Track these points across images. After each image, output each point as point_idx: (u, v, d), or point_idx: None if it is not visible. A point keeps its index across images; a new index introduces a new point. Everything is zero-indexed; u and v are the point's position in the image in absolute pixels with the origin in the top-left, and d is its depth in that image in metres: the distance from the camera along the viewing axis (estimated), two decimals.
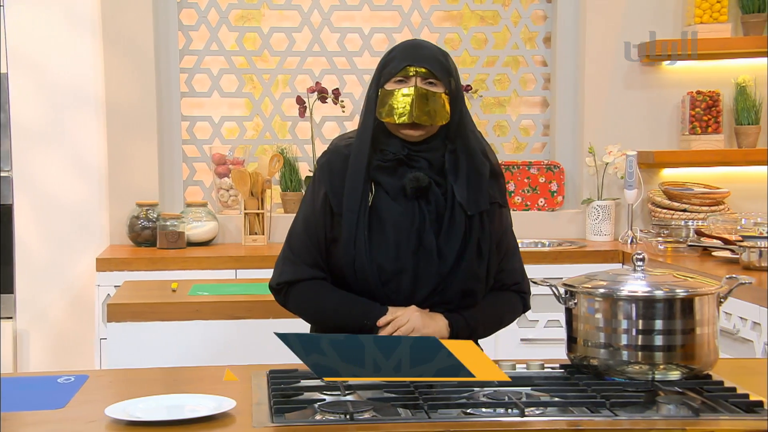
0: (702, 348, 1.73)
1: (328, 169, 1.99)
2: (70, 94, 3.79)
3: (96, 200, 3.83)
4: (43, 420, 1.60)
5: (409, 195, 1.95)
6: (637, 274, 1.77)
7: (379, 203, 1.95)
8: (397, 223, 1.94)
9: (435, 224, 1.95)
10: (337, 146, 2.02)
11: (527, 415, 1.56)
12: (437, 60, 1.96)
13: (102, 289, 3.46)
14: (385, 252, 1.93)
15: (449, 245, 1.94)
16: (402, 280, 1.94)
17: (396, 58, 1.96)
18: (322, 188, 1.99)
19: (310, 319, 2.05)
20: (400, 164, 1.96)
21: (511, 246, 2.07)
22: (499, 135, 4.20)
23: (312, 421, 1.55)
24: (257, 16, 4.08)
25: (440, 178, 1.97)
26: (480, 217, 1.96)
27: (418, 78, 1.93)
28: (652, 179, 4.02)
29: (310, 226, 1.99)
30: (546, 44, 4.16)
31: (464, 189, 1.96)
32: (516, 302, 2.08)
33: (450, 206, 1.95)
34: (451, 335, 1.95)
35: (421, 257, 1.94)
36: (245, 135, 4.08)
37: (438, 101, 1.93)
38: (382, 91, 1.96)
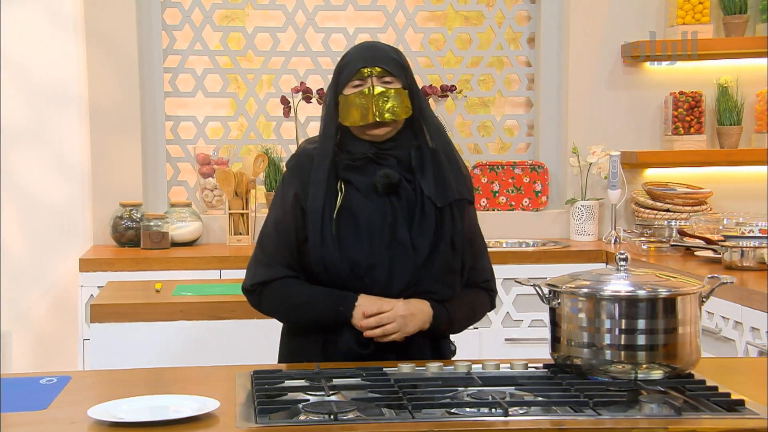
0: (684, 347, 1.74)
1: (298, 171, 2.02)
2: (53, 94, 3.77)
3: (79, 200, 3.81)
4: (26, 421, 1.60)
5: (380, 191, 1.98)
6: (620, 273, 1.78)
7: (351, 201, 1.99)
8: (369, 218, 1.98)
9: (407, 218, 1.99)
10: (305, 149, 2.06)
11: (511, 414, 1.56)
12: (390, 57, 2.00)
13: (85, 289, 3.44)
14: (359, 247, 1.96)
15: (422, 238, 1.98)
16: (376, 273, 1.97)
17: (350, 63, 2.00)
18: (291, 189, 2.01)
19: (284, 316, 2.06)
20: (369, 162, 2.00)
21: (482, 244, 2.11)
22: (483, 135, 4.21)
23: (296, 422, 1.55)
24: (241, 15, 4.07)
25: (409, 174, 2.01)
26: (450, 210, 2.00)
27: (374, 78, 1.97)
28: (636, 179, 4.04)
29: (281, 228, 2.01)
30: (530, 45, 4.18)
31: (431, 183, 2.00)
32: (485, 300, 2.12)
33: (420, 200, 1.99)
34: (432, 325, 1.99)
35: (395, 250, 1.97)
36: (230, 135, 4.07)
37: (397, 97, 1.97)
38: (341, 97, 2.00)
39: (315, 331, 2.01)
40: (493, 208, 4.09)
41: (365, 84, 1.97)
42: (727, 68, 4.01)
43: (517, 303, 3.57)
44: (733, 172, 4.03)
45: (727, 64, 4.01)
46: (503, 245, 3.93)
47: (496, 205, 4.10)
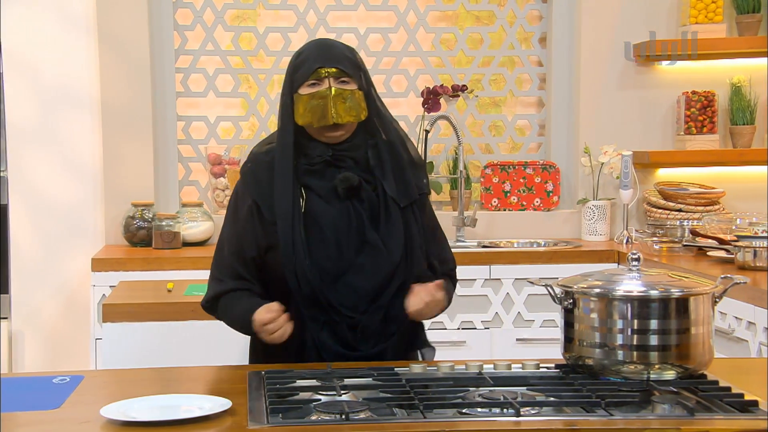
0: (697, 348, 1.73)
1: (253, 179, 2.00)
2: (65, 94, 3.79)
3: (91, 200, 3.82)
4: (39, 420, 1.60)
5: (341, 195, 1.97)
6: (633, 273, 1.78)
7: (312, 207, 1.97)
8: (334, 223, 1.97)
9: (372, 220, 1.98)
10: (257, 154, 2.03)
11: (523, 414, 1.56)
12: (346, 57, 1.99)
13: (97, 289, 3.45)
14: (326, 253, 1.95)
15: (393, 238, 1.98)
16: (348, 278, 1.96)
17: (306, 61, 1.98)
18: (248, 198, 1.99)
19: (235, 329, 2.05)
20: (327, 166, 1.99)
21: (441, 234, 2.13)
22: (494, 135, 4.20)
23: (307, 422, 1.55)
24: (253, 15, 4.08)
25: (368, 175, 2.00)
26: (411, 207, 2.01)
27: (330, 78, 1.96)
28: (648, 179, 4.02)
29: (233, 241, 2.00)
30: (541, 44, 4.17)
31: (392, 182, 2.00)
32: (452, 289, 2.13)
33: (383, 201, 1.99)
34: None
35: (367, 253, 1.96)
36: (241, 135, 4.08)
37: (354, 98, 1.96)
38: (296, 96, 1.98)
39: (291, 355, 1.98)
40: (505, 208, 4.09)
41: (322, 84, 1.95)
42: (740, 67, 3.99)
43: (528, 303, 3.56)
44: (745, 172, 4.01)
45: (740, 64, 3.99)
46: (514, 245, 3.92)
47: (508, 205, 4.09)
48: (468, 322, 3.55)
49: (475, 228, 3.94)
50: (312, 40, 2.07)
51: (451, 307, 3.76)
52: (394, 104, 4.16)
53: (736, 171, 4.02)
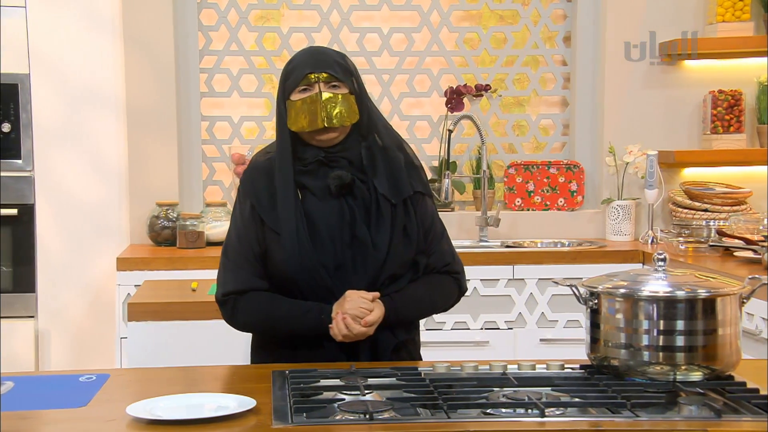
0: (724, 349, 1.72)
1: (251, 185, 2.05)
2: (91, 95, 3.82)
3: (116, 200, 3.85)
4: (65, 418, 1.62)
5: (334, 193, 2.01)
6: (659, 274, 1.76)
7: (308, 205, 2.01)
8: (328, 220, 2.00)
9: (365, 217, 2.01)
10: (257, 162, 2.08)
11: (547, 415, 1.55)
12: (336, 62, 2.02)
13: (122, 288, 3.48)
14: (323, 249, 1.99)
15: (380, 235, 2.00)
16: (342, 274, 1.99)
17: (296, 68, 2.02)
18: (247, 202, 2.04)
19: (261, 329, 2.06)
20: (321, 165, 2.02)
21: (439, 231, 2.12)
22: (518, 135, 4.18)
23: (331, 421, 1.55)
24: (277, 16, 4.09)
25: (361, 174, 2.03)
26: (404, 204, 2.03)
27: (321, 83, 1.99)
28: (673, 179, 3.99)
29: (243, 239, 2.04)
30: (566, 43, 4.14)
31: (384, 181, 2.02)
32: (449, 283, 2.12)
33: (375, 199, 2.01)
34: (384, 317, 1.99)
35: (356, 250, 1.99)
36: (264, 135, 4.09)
37: (345, 102, 1.99)
38: (288, 102, 2.01)
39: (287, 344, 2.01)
40: (528, 207, 4.07)
41: (312, 89, 1.99)
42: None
43: (552, 303, 3.55)
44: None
45: None
46: (538, 245, 3.91)
47: (531, 205, 4.07)
48: (491, 322, 3.54)
49: (498, 228, 3.92)
50: (304, 48, 2.11)
51: (474, 307, 3.77)
52: (417, 104, 4.15)
53: (763, 171, 3.97)
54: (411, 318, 2.09)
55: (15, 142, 3.75)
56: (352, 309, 1.95)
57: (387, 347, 2.02)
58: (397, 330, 2.04)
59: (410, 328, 2.10)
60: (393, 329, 2.03)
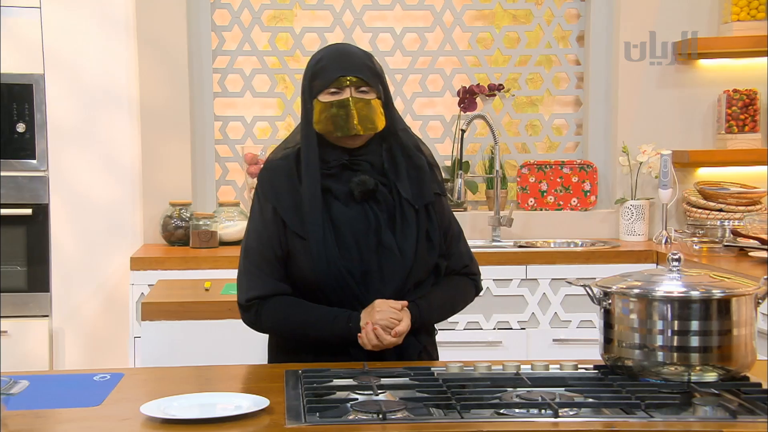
0: (739, 349, 1.71)
1: (271, 186, 2.01)
2: (105, 95, 3.83)
3: (130, 200, 3.86)
4: (80, 417, 1.62)
5: (357, 198, 1.98)
6: (673, 274, 1.75)
7: (332, 209, 1.99)
8: (353, 225, 1.98)
9: (389, 223, 1.99)
10: (274, 162, 2.03)
11: (561, 416, 1.55)
12: (367, 66, 1.99)
13: (136, 287, 3.49)
14: (349, 255, 1.96)
15: (407, 241, 1.98)
16: (369, 279, 1.97)
17: (326, 69, 1.98)
18: (268, 204, 2.00)
19: (287, 334, 2.03)
20: (344, 169, 2.00)
21: (456, 231, 2.11)
22: (531, 134, 4.17)
23: (344, 421, 1.55)
24: (289, 16, 4.10)
25: (384, 178, 2.01)
26: (426, 209, 2.01)
27: (351, 88, 1.96)
28: (687, 179, 3.97)
29: (264, 242, 2.00)
30: (579, 43, 4.13)
31: (407, 185, 2.01)
32: (467, 285, 2.11)
33: (399, 203, 2.00)
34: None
35: (382, 256, 1.97)
36: (277, 135, 4.10)
37: (374, 108, 1.97)
38: (316, 102, 1.98)
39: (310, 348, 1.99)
40: (541, 207, 4.06)
41: (343, 93, 1.96)
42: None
43: (565, 303, 3.54)
44: None
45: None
46: (551, 245, 3.90)
47: (544, 205, 4.06)
48: (504, 322, 3.53)
49: (511, 228, 3.92)
50: (330, 46, 2.07)
51: (487, 307, 3.76)
52: (430, 104, 4.15)
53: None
54: (434, 322, 2.08)
55: (29, 142, 3.77)
56: (382, 320, 1.92)
57: (413, 353, 2.01)
58: (420, 335, 2.03)
59: (430, 330, 2.10)
60: (417, 335, 2.02)
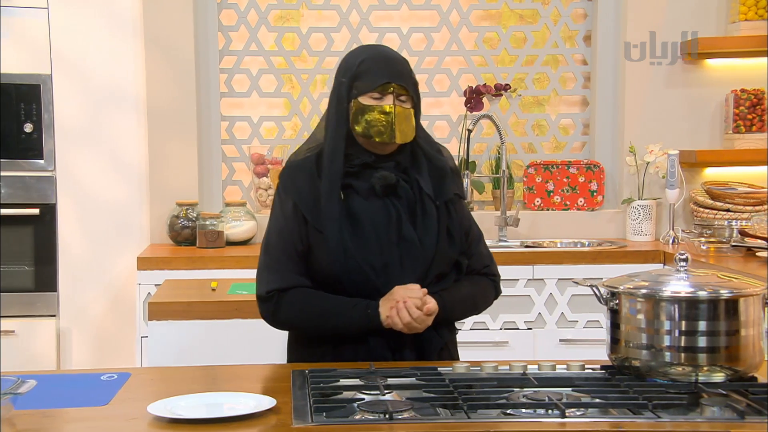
0: (747, 350, 1.70)
1: (292, 183, 2.04)
2: (112, 95, 3.84)
3: (136, 200, 3.87)
4: (87, 417, 1.63)
5: (378, 193, 2.01)
6: (680, 274, 1.75)
7: (352, 204, 2.01)
8: (374, 219, 2.00)
9: (410, 216, 2.02)
10: (295, 161, 2.07)
11: (568, 416, 1.54)
12: (409, 75, 2.03)
13: (143, 287, 3.49)
14: (368, 248, 1.98)
15: (427, 234, 2.01)
16: (389, 272, 1.99)
17: (372, 72, 1.99)
18: (289, 200, 2.03)
19: (304, 325, 2.04)
20: (366, 167, 2.03)
21: (476, 233, 2.14)
22: (538, 134, 4.17)
23: (351, 421, 1.55)
24: (296, 16, 4.10)
25: (404, 175, 2.04)
26: (446, 205, 2.04)
27: (394, 95, 1.99)
28: (694, 179, 3.96)
29: (285, 237, 2.03)
30: (586, 43, 4.13)
31: (428, 181, 2.04)
32: (488, 286, 2.13)
33: (419, 198, 2.03)
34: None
35: (403, 248, 2.00)
36: (284, 135, 4.10)
37: (411, 119, 2.01)
38: (356, 103, 2.00)
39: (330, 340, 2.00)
40: (548, 207, 4.05)
41: (385, 99, 1.98)
42: None
43: (572, 303, 3.53)
44: None
45: None
46: (558, 245, 3.89)
47: (551, 205, 4.06)
48: (510, 322, 3.53)
49: (517, 228, 3.91)
50: (370, 47, 2.10)
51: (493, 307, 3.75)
52: (437, 103, 4.15)
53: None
54: (456, 317, 2.08)
55: (37, 142, 3.78)
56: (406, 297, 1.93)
57: (434, 348, 2.01)
58: (441, 330, 2.03)
59: (452, 328, 2.10)
60: (438, 329, 2.02)
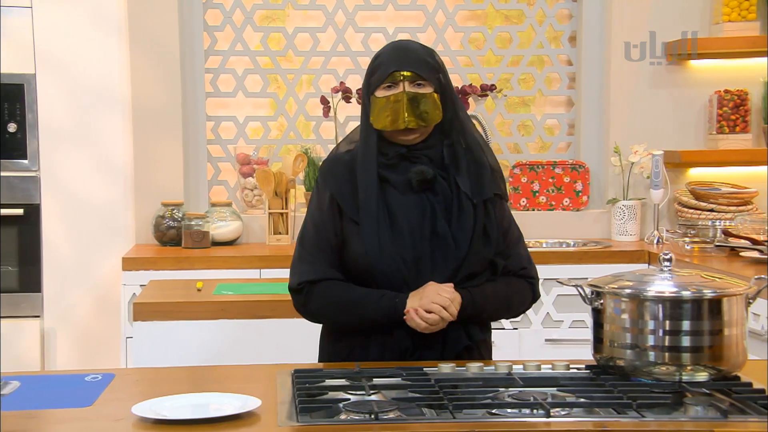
0: (730, 349, 1.71)
1: (331, 175, 2.04)
2: (97, 95, 3.82)
3: (122, 200, 3.85)
4: (71, 418, 1.62)
5: (415, 188, 1.99)
6: (664, 274, 1.76)
7: (389, 198, 2.00)
8: (408, 214, 1.99)
9: (445, 213, 2.00)
10: (336, 155, 2.07)
11: (553, 415, 1.55)
12: (423, 60, 1.99)
13: (128, 288, 3.48)
14: (401, 242, 1.98)
15: (462, 232, 1.99)
16: (421, 267, 1.98)
17: (382, 64, 2.00)
18: (327, 192, 2.03)
19: (333, 316, 2.04)
20: (402, 160, 2.01)
21: (516, 235, 2.12)
22: (523, 134, 4.18)
23: (337, 421, 1.55)
24: (282, 16, 4.09)
25: (442, 171, 2.02)
26: (484, 205, 2.02)
27: (405, 82, 1.97)
28: (679, 179, 3.98)
29: (320, 229, 2.03)
30: (571, 43, 4.14)
31: (466, 179, 2.01)
32: (524, 288, 2.10)
33: (456, 195, 2.00)
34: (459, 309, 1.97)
35: (435, 244, 1.98)
36: (269, 135, 4.09)
37: (428, 102, 1.97)
38: (372, 98, 2.00)
39: (360, 333, 2.02)
40: (533, 207, 4.07)
41: (396, 88, 1.97)
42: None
43: (557, 303, 3.54)
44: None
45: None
46: (543, 245, 3.90)
47: (536, 205, 4.07)
48: (496, 322, 3.52)
49: None
50: (391, 43, 2.09)
51: None
52: None
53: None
54: (486, 315, 2.06)
55: (21, 142, 3.76)
56: (424, 305, 1.93)
57: (458, 345, 2.00)
58: (471, 329, 2.02)
59: (483, 328, 2.08)
60: (468, 329, 2.01)
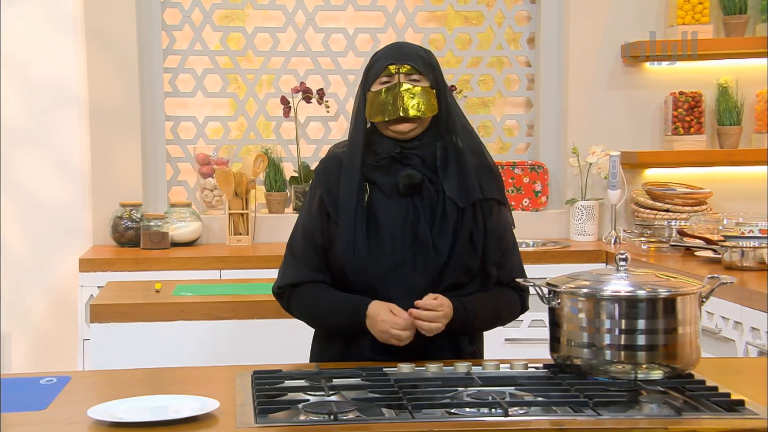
0: (684, 347, 1.74)
1: (324, 175, 2.04)
2: (53, 94, 3.77)
3: (79, 200, 3.81)
4: (25, 421, 1.60)
5: (402, 192, 1.99)
6: (620, 273, 1.78)
7: (374, 201, 2.00)
8: (391, 219, 1.98)
9: (429, 219, 1.99)
10: (334, 152, 2.07)
11: (511, 414, 1.56)
12: (418, 56, 2.02)
13: (85, 289, 3.44)
14: (381, 246, 1.97)
15: (442, 238, 1.97)
16: (400, 273, 1.97)
17: (378, 60, 2.03)
18: (317, 192, 2.03)
19: (311, 321, 2.06)
20: (393, 162, 2.01)
21: (510, 244, 2.09)
22: (483, 135, 4.20)
23: (296, 422, 1.55)
24: (241, 16, 4.07)
25: (433, 174, 2.01)
26: (472, 210, 2.00)
27: (401, 75, 1.99)
28: (635, 179, 4.04)
29: (307, 231, 2.03)
30: (530, 45, 4.17)
31: (453, 183, 1.99)
32: (513, 299, 2.09)
33: (442, 201, 1.99)
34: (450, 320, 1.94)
35: (417, 250, 1.97)
36: (229, 135, 4.07)
37: (424, 94, 1.98)
38: (369, 94, 2.01)
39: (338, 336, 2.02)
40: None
41: (392, 80, 1.98)
42: (727, 68, 4.01)
43: None
44: (732, 173, 4.03)
45: (726, 65, 4.01)
46: None
47: None
48: None
49: None
50: (389, 43, 2.11)
51: None
52: None
53: (723, 171, 4.04)
54: (477, 324, 2.03)
55: None
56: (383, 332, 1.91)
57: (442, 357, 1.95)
58: (458, 339, 2.00)
59: (474, 339, 2.06)
60: (458, 341, 1.99)
